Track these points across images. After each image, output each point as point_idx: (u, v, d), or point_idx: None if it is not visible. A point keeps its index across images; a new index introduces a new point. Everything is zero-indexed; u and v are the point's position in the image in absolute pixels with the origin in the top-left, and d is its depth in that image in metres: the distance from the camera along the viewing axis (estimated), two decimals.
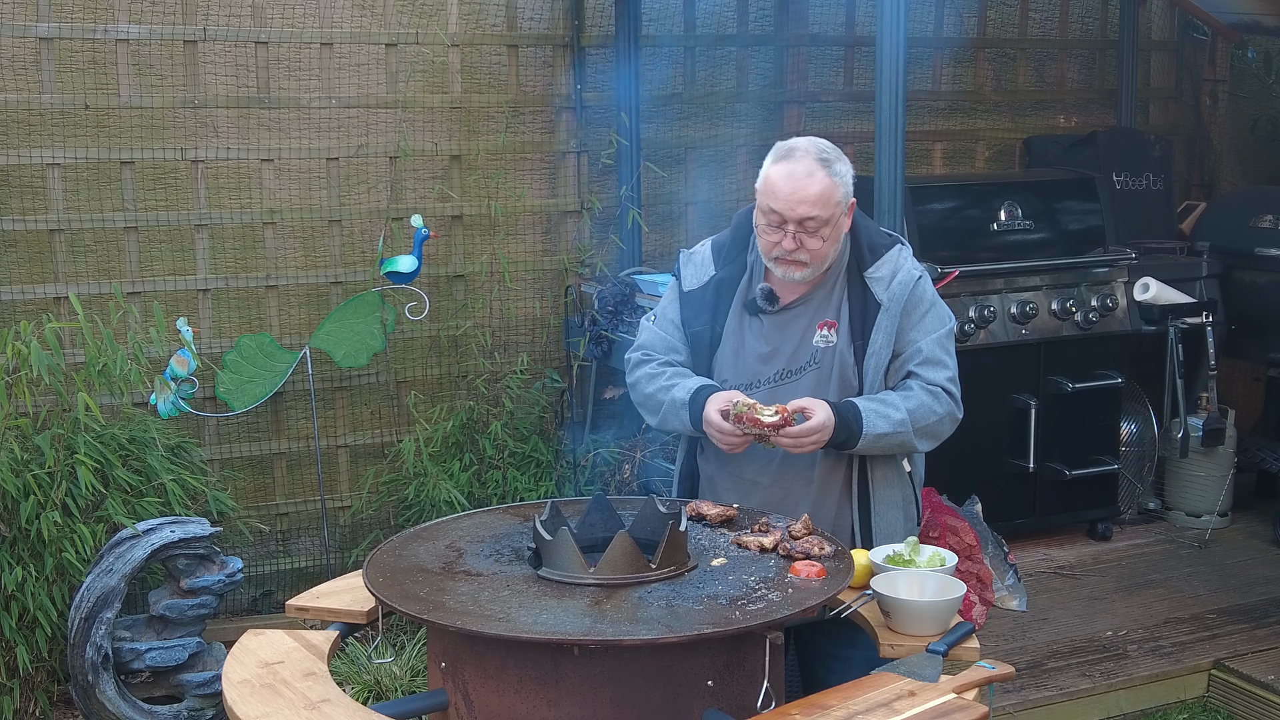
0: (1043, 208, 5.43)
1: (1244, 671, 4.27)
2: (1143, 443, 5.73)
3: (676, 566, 2.42)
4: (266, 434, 4.99)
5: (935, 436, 2.91)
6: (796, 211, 2.77)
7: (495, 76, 5.26)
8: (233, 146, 4.84)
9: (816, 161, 2.79)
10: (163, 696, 4.13)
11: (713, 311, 2.98)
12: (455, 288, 5.21)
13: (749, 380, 2.94)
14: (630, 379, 3.09)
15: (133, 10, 4.69)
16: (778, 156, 2.84)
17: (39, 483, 3.97)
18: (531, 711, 2.24)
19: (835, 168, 2.81)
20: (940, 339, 2.91)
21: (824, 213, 2.78)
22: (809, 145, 2.84)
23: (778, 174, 2.81)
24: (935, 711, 2.05)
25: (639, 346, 3.11)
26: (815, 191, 2.77)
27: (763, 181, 2.85)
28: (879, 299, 2.88)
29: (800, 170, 2.78)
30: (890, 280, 2.88)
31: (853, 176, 2.86)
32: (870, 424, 2.80)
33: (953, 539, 4.61)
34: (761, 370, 2.94)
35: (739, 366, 2.95)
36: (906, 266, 2.92)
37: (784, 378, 2.92)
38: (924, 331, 2.89)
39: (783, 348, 2.93)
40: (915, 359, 2.88)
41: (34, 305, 4.60)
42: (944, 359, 2.91)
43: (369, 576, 2.44)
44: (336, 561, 4.96)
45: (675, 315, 3.06)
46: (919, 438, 2.86)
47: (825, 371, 2.90)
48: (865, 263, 2.91)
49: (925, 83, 6.04)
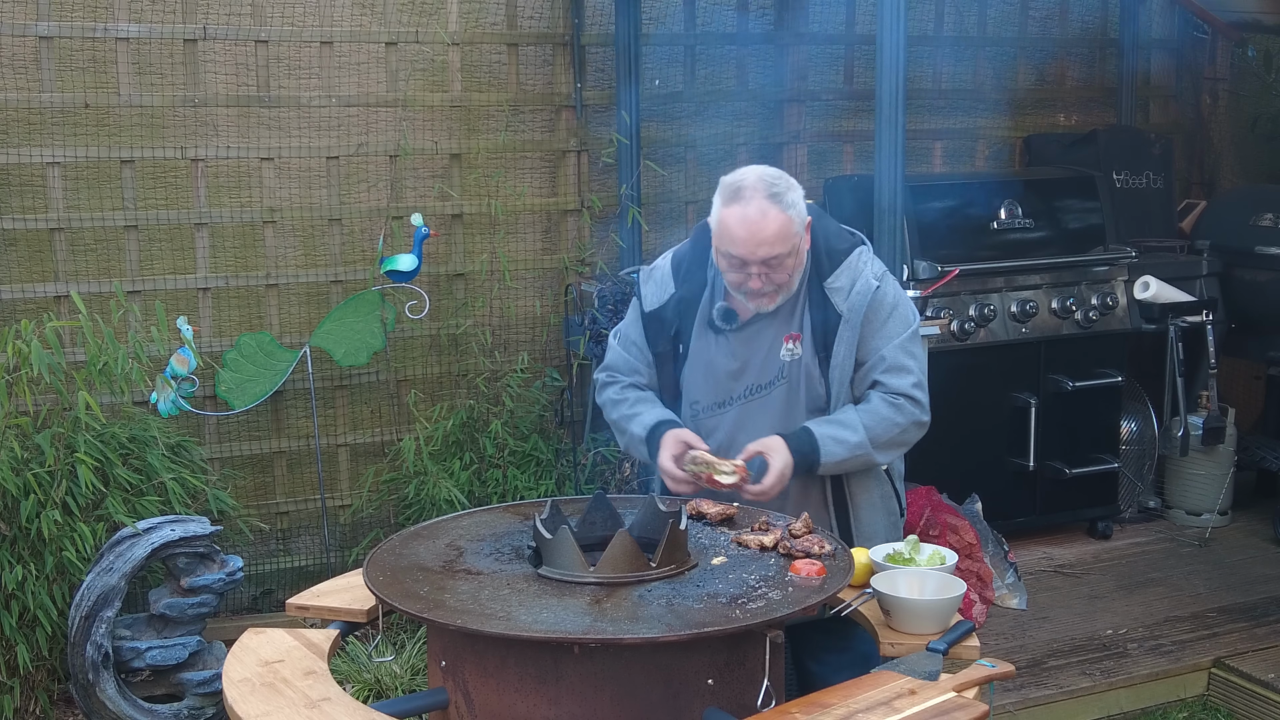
0: (1043, 206, 5.42)
1: (1244, 670, 4.27)
2: (1143, 441, 5.73)
3: (677, 565, 2.43)
4: (267, 433, 4.99)
5: (899, 446, 2.91)
6: (757, 254, 2.76)
7: (495, 75, 5.26)
8: (233, 145, 4.84)
9: (767, 199, 2.75)
10: (163, 695, 4.13)
11: (675, 330, 2.98)
12: (455, 286, 5.21)
13: (720, 398, 2.94)
14: (598, 400, 3.12)
15: (133, 9, 4.68)
16: (726, 198, 2.79)
17: (39, 481, 3.97)
18: (532, 710, 2.24)
19: (786, 199, 2.77)
20: (903, 343, 2.89)
21: (784, 248, 2.77)
22: (756, 182, 2.78)
23: (731, 218, 2.76)
24: (935, 710, 2.05)
25: (605, 367, 3.14)
26: (772, 231, 2.74)
27: (718, 225, 2.81)
28: (839, 309, 2.86)
29: (753, 213, 2.74)
30: (850, 290, 2.86)
31: (803, 198, 2.83)
32: (828, 452, 2.80)
33: (953, 537, 4.61)
34: (732, 387, 2.94)
35: (709, 384, 2.95)
36: (865, 274, 2.89)
37: (754, 393, 2.92)
38: (886, 338, 2.88)
39: (751, 362, 2.92)
40: (879, 367, 2.87)
41: (34, 304, 4.60)
42: (907, 363, 2.89)
43: (369, 575, 2.44)
44: (337, 560, 4.96)
45: (638, 336, 3.07)
46: (879, 452, 2.86)
47: (794, 385, 2.91)
48: (824, 272, 2.89)
49: (925, 82, 6.04)
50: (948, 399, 4.76)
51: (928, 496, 4.76)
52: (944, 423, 4.74)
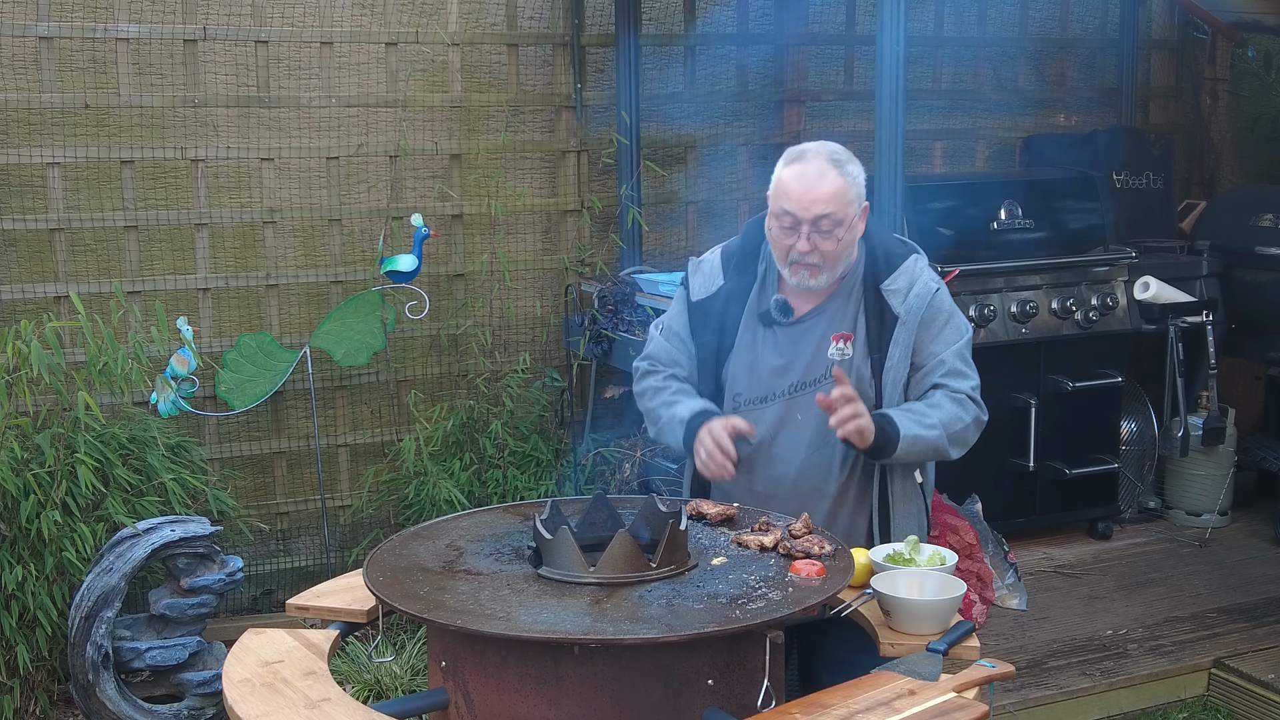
0: (1043, 206, 5.42)
1: (1244, 670, 4.27)
2: (1143, 441, 5.73)
3: (677, 565, 2.42)
4: (267, 433, 4.99)
5: (964, 444, 2.90)
6: (810, 211, 2.75)
7: (495, 75, 5.26)
8: (233, 146, 4.84)
9: (828, 162, 2.79)
10: (163, 695, 4.13)
11: (721, 322, 2.95)
12: (455, 287, 5.21)
13: (764, 394, 2.91)
14: (636, 388, 3.08)
15: (133, 9, 4.69)
16: (789, 160, 2.83)
17: (39, 482, 3.97)
18: (532, 710, 2.24)
19: (848, 169, 2.80)
20: (960, 350, 2.89)
21: (838, 210, 2.76)
22: (820, 147, 2.83)
23: (789, 176, 2.80)
24: (935, 710, 2.05)
25: (645, 356, 3.10)
26: (828, 190, 2.76)
27: (775, 185, 2.83)
28: (896, 312, 2.85)
29: (812, 170, 2.78)
30: (907, 292, 2.85)
31: (865, 179, 2.85)
32: (906, 427, 2.77)
33: (953, 538, 4.61)
34: (776, 384, 2.90)
35: (753, 380, 2.92)
36: (924, 278, 2.88)
37: (799, 390, 2.89)
38: (944, 343, 2.87)
39: (797, 360, 2.89)
40: (938, 371, 2.86)
41: (34, 304, 4.60)
42: (965, 370, 2.89)
43: (369, 575, 2.44)
44: (337, 560, 4.96)
45: (682, 327, 3.03)
46: (951, 445, 2.85)
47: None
48: (881, 274, 2.88)
49: (925, 82, 6.03)
50: None
51: None
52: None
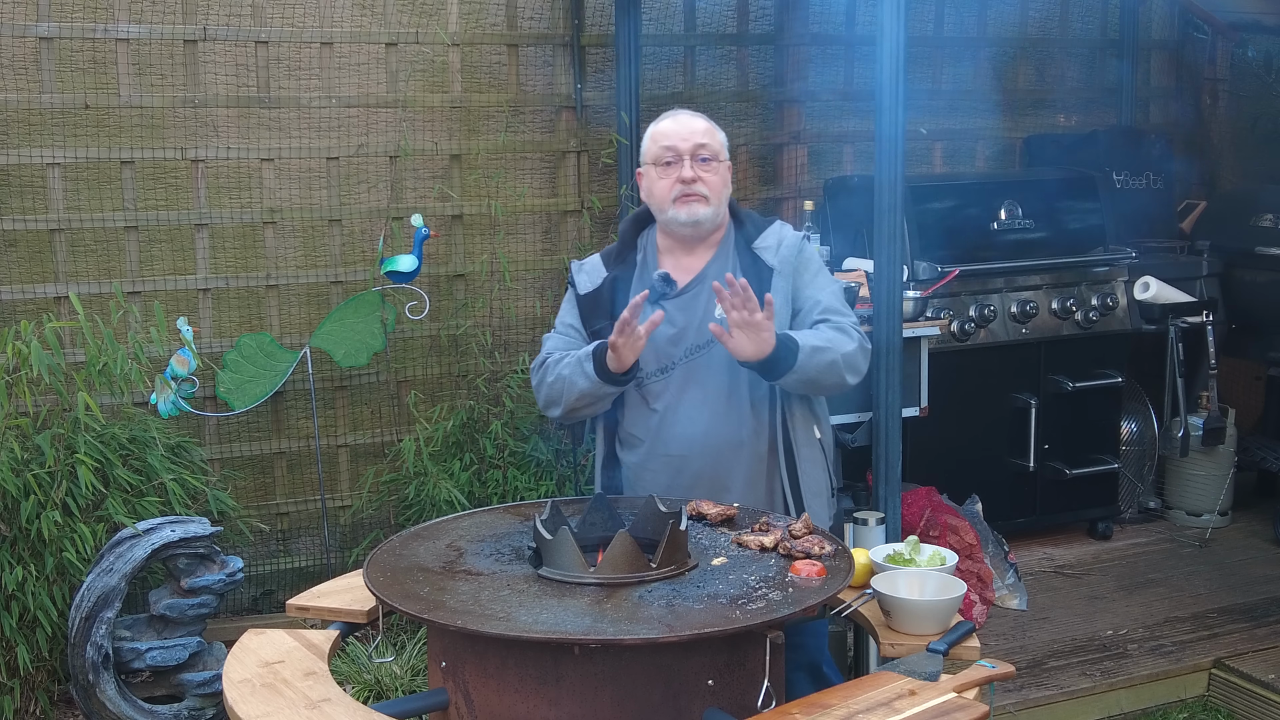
0: (1043, 207, 5.42)
1: (1244, 670, 4.27)
2: (1143, 442, 5.74)
3: (677, 566, 2.42)
4: (267, 433, 4.99)
5: (857, 370, 3.02)
6: (690, 140, 3.05)
7: (495, 76, 5.26)
8: (233, 146, 4.84)
9: (696, 115, 3.13)
10: (163, 696, 4.13)
11: (611, 308, 3.10)
12: (455, 287, 5.21)
13: (664, 364, 3.07)
14: (535, 383, 3.17)
15: (133, 10, 4.68)
16: (658, 120, 3.16)
17: (39, 482, 3.97)
18: (532, 711, 2.24)
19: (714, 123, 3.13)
20: (836, 292, 3.11)
21: (712, 144, 3.07)
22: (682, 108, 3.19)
23: (664, 124, 3.12)
24: (936, 710, 2.05)
25: (542, 355, 3.19)
26: (702, 125, 3.09)
27: (649, 140, 3.14)
28: (770, 264, 3.06)
29: (684, 115, 3.13)
30: (778, 246, 3.08)
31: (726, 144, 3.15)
32: (804, 339, 2.92)
33: (953, 538, 4.61)
34: (673, 351, 3.06)
35: (651, 352, 3.05)
36: (789, 232, 3.15)
37: (694, 353, 3.06)
38: (819, 288, 3.09)
39: (689, 326, 3.06)
40: (817, 309, 3.04)
41: (34, 305, 4.60)
42: (843, 309, 3.08)
43: (369, 576, 2.44)
44: (337, 561, 4.96)
45: (574, 319, 3.19)
46: (846, 368, 2.97)
47: None
48: (751, 236, 3.13)
49: (925, 82, 6.03)
50: (948, 399, 4.80)
51: (928, 497, 4.76)
52: (944, 423, 4.80)
